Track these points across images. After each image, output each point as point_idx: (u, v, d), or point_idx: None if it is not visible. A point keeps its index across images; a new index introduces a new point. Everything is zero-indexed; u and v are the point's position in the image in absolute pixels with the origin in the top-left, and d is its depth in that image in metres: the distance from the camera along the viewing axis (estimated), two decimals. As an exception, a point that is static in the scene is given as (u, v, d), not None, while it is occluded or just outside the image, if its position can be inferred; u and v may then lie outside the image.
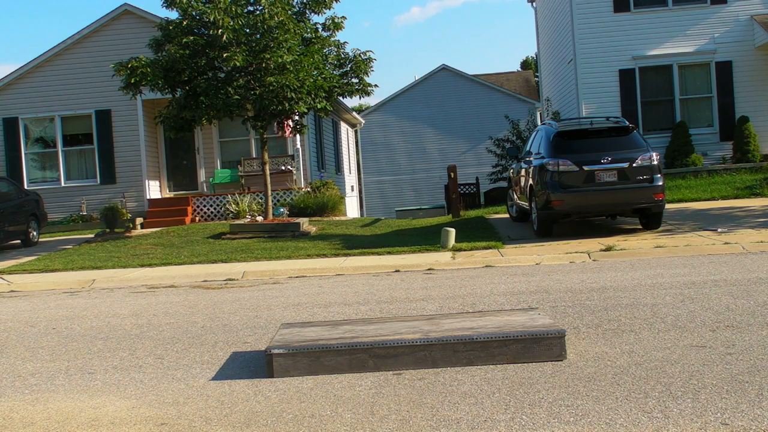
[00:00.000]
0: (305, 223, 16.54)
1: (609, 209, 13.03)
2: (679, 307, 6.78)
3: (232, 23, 14.86)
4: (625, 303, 7.14)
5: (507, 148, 25.81)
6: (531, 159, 13.87)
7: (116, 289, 10.91)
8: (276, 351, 5.20)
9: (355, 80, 17.04)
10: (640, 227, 13.39)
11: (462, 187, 29.23)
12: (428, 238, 13.81)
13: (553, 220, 13.10)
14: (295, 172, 20.92)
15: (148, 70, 15.32)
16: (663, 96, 22.09)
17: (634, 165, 12.48)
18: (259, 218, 17.02)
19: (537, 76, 37.76)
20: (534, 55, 58.55)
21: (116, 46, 20.62)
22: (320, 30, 16.92)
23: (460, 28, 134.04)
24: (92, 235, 18.05)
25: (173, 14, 15.99)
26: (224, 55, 14.85)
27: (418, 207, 34.48)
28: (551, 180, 12.56)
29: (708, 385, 4.41)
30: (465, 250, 12.30)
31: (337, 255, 12.72)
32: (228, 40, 14.84)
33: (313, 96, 15.83)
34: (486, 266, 10.81)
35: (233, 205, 19.24)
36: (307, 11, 16.72)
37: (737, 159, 20.86)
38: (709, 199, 16.79)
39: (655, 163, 12.61)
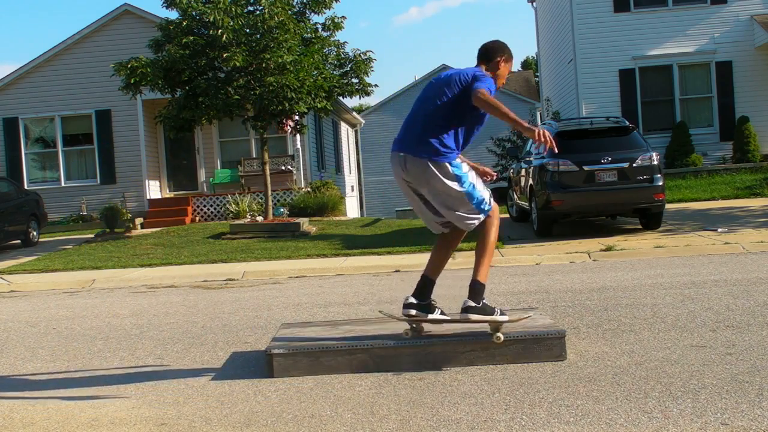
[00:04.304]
0: (305, 223, 16.54)
1: (609, 209, 13.04)
2: (679, 307, 6.77)
3: (232, 23, 14.86)
4: (625, 303, 7.13)
5: (507, 148, 25.82)
6: (531, 159, 13.88)
7: (116, 289, 10.90)
8: (276, 351, 5.20)
9: (355, 80, 17.05)
10: (640, 227, 13.39)
11: (462, 187, 29.16)
12: (428, 238, 13.79)
13: (553, 220, 13.10)
14: (295, 172, 20.92)
15: (148, 70, 15.32)
16: (663, 96, 22.09)
17: (634, 165, 12.48)
18: (259, 218, 17.02)
19: (537, 76, 37.74)
20: (534, 55, 58.52)
21: (116, 46, 20.63)
22: (320, 30, 16.93)
23: (460, 28, 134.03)
24: (92, 235, 18.05)
25: (173, 14, 16.00)
26: (224, 55, 14.85)
27: (419, 207, 34.35)
28: (551, 180, 12.57)
29: (708, 385, 4.41)
30: (465, 250, 12.28)
31: (337, 255, 12.72)
32: (228, 41, 14.84)
33: (313, 96, 15.84)
34: (486, 266, 10.79)
35: (233, 205, 19.24)
36: (307, 11, 16.73)
37: (737, 159, 20.87)
38: (709, 199, 16.80)
39: (655, 163, 12.62)
